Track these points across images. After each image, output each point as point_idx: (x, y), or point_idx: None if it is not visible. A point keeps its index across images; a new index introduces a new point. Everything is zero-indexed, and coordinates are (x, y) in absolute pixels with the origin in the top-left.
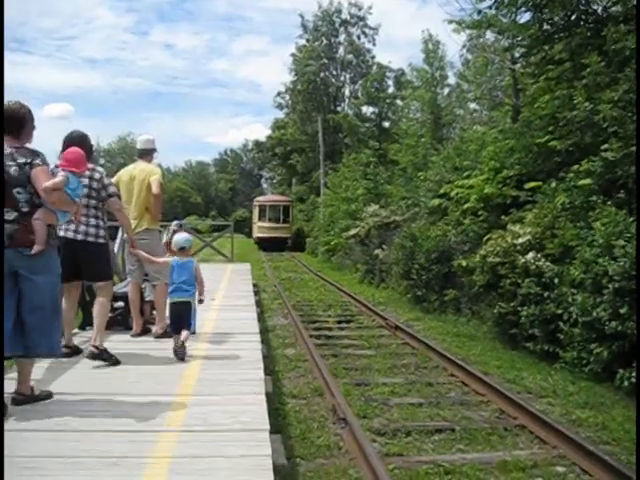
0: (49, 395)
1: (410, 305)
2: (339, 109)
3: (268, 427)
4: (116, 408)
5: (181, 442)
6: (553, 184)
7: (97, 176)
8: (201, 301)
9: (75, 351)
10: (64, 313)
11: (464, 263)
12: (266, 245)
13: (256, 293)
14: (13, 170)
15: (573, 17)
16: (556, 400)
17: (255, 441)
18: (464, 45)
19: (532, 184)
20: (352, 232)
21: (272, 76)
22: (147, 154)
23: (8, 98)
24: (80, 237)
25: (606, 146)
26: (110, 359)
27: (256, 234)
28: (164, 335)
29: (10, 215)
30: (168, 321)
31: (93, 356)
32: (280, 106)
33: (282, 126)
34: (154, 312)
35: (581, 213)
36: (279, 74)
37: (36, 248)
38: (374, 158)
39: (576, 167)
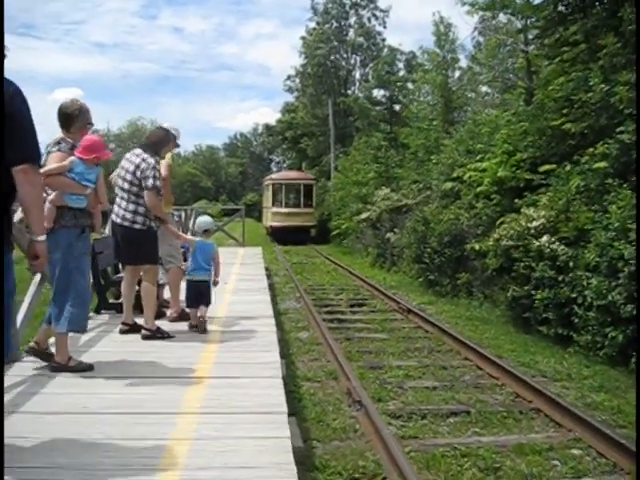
0: (86, 367)
1: (422, 289)
2: (349, 92)
3: (286, 410)
4: (134, 390)
5: (201, 424)
6: (567, 167)
7: (143, 166)
8: (216, 283)
9: (134, 328)
10: (124, 292)
11: (477, 247)
12: (282, 236)
13: (268, 277)
14: (43, 158)
15: None
16: (571, 383)
17: (274, 423)
18: (476, 28)
19: (546, 167)
20: (363, 216)
21: (281, 59)
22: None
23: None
24: (118, 220)
25: (622, 128)
26: (163, 337)
27: (269, 222)
28: (178, 319)
29: None
30: (183, 304)
31: (145, 337)
32: (290, 90)
33: (292, 110)
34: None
35: (596, 196)
36: (288, 57)
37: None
38: (385, 142)
39: (591, 150)
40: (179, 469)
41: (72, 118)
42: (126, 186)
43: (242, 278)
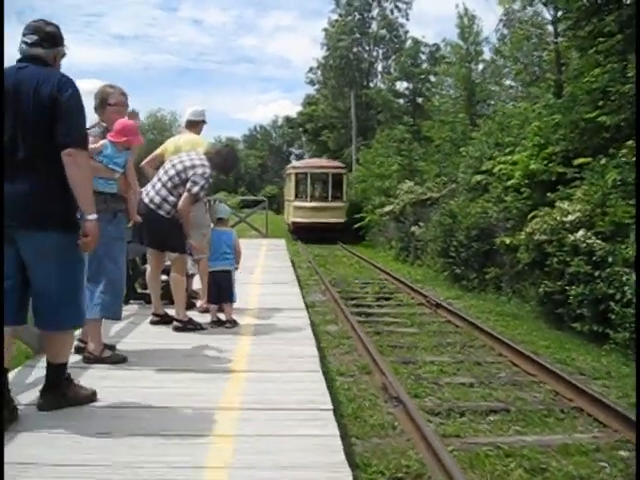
0: (121, 359)
1: (448, 283)
2: (371, 85)
3: (331, 406)
4: (170, 383)
5: (242, 420)
6: (603, 161)
7: (200, 171)
8: (236, 268)
9: (165, 320)
10: (148, 282)
11: (507, 241)
12: (307, 234)
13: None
14: None
15: None
16: (611, 382)
17: (319, 420)
18: (501, 20)
19: (581, 160)
20: (387, 209)
21: (301, 52)
22: (194, 125)
23: None
24: (146, 200)
25: None
26: (195, 328)
27: (291, 218)
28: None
29: None
30: None
31: (177, 329)
32: (312, 82)
33: (313, 102)
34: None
35: (633, 190)
36: (308, 50)
37: None
38: (408, 134)
39: (630, 142)
40: (226, 468)
41: (99, 101)
42: (171, 172)
43: (268, 270)
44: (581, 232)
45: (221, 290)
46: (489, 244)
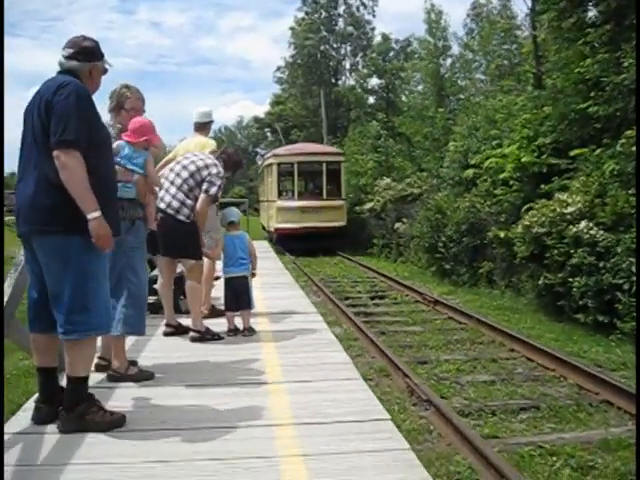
0: (148, 376)
1: (436, 279)
2: (340, 82)
3: (388, 415)
4: (210, 400)
5: (302, 437)
6: (597, 151)
7: (214, 171)
8: (253, 275)
9: (179, 330)
10: (160, 291)
11: (502, 234)
12: (296, 244)
13: None
14: None
15: None
16: (629, 372)
17: (382, 432)
18: (468, 15)
19: (577, 151)
20: (367, 206)
21: (261, 52)
22: (203, 127)
23: None
24: (162, 205)
25: None
26: (213, 338)
27: (274, 223)
28: (209, 316)
29: None
30: (215, 302)
31: (194, 340)
32: (279, 81)
33: (281, 101)
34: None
35: (633, 180)
36: (268, 50)
37: None
38: (384, 131)
39: (629, 132)
40: None
41: (115, 101)
42: (184, 175)
43: (264, 273)
44: (583, 223)
45: (239, 297)
46: (480, 239)
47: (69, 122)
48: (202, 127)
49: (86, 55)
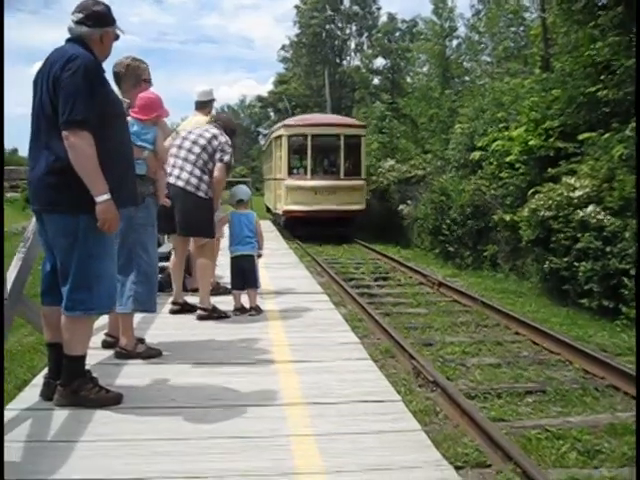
0: (156, 353)
1: (439, 261)
2: (344, 63)
3: (398, 397)
4: (218, 378)
5: (314, 417)
6: (606, 135)
7: (221, 139)
8: (260, 255)
9: (185, 308)
10: (173, 268)
11: (507, 218)
12: (308, 230)
13: None
14: None
15: None
16: (634, 358)
17: (392, 414)
18: None
19: (586, 135)
20: (371, 187)
21: (264, 31)
22: (204, 106)
23: None
24: (180, 183)
25: None
26: (220, 316)
27: (283, 205)
28: (212, 292)
29: None
30: (220, 280)
31: (201, 318)
32: (284, 60)
33: (285, 81)
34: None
35: None
36: (271, 29)
37: None
38: (388, 112)
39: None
40: (321, 473)
41: (119, 77)
42: (196, 150)
43: (269, 253)
44: (591, 207)
45: (246, 276)
46: (484, 221)
47: (77, 100)
48: (203, 106)
49: (97, 20)
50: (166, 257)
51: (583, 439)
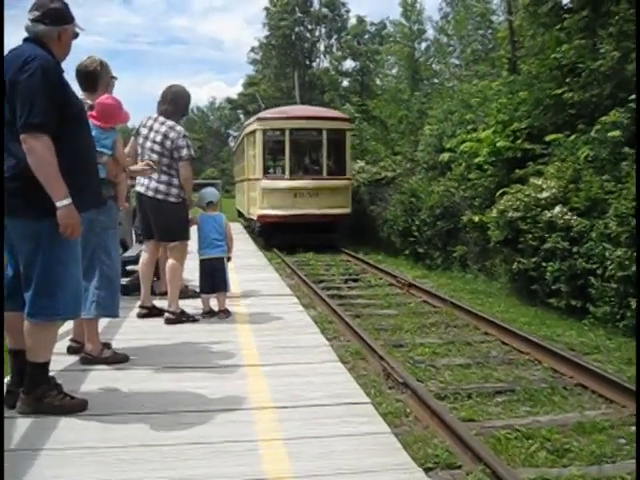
0: (122, 359)
1: (409, 262)
2: (314, 64)
3: (368, 399)
4: (187, 383)
5: (282, 421)
6: (572, 137)
7: (172, 135)
8: (229, 258)
9: (153, 312)
10: (142, 271)
11: (476, 219)
12: (286, 237)
13: None
14: None
15: None
16: (602, 357)
17: (361, 416)
18: None
19: (552, 137)
20: None
21: (233, 33)
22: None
23: None
24: (150, 193)
25: (634, 97)
26: (188, 320)
27: (257, 209)
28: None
29: None
30: (189, 283)
31: (169, 322)
32: (254, 62)
33: (255, 83)
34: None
35: (607, 166)
36: (241, 31)
37: None
38: (358, 114)
39: (604, 118)
40: (290, 477)
41: (97, 76)
42: (155, 157)
43: (237, 255)
44: (558, 208)
45: (215, 279)
46: (453, 223)
47: (35, 103)
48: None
49: (54, 18)
50: (134, 261)
51: (552, 438)
